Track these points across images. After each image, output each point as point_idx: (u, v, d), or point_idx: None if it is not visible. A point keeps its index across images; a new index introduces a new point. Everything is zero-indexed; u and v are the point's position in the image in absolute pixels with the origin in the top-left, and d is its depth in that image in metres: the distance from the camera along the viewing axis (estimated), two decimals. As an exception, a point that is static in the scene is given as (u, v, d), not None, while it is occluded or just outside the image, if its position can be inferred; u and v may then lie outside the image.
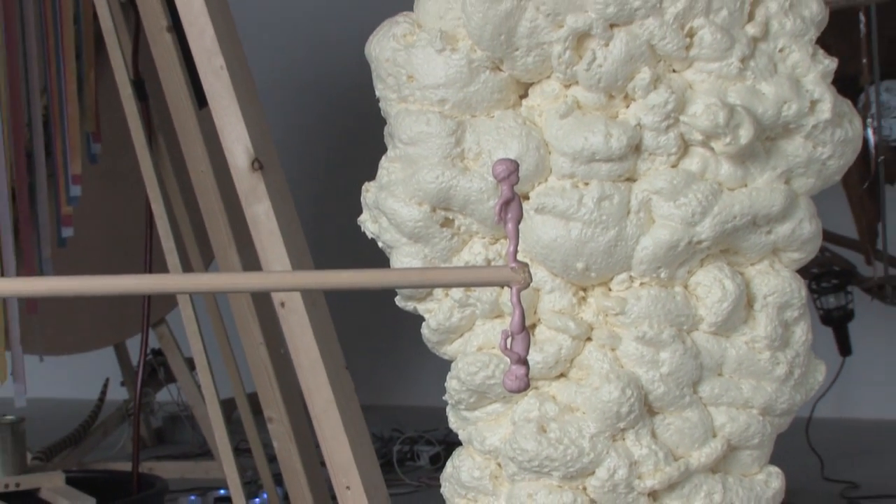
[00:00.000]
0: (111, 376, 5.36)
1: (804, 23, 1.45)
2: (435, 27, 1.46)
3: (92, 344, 5.09)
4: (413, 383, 5.98)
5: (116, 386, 5.37)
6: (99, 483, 3.60)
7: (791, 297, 1.48)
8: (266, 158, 2.26)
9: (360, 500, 2.22)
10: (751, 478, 1.49)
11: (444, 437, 5.11)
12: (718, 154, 1.41)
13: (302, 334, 2.24)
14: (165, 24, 2.89)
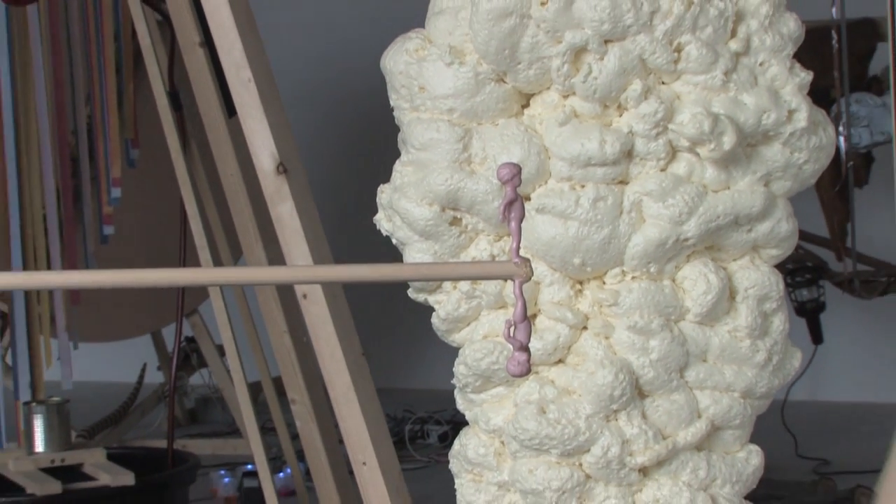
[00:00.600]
0: (148, 362, 5.36)
1: (782, 39, 1.44)
2: (444, 42, 1.45)
3: (131, 332, 5.10)
4: (423, 368, 5.98)
5: (153, 370, 5.38)
6: (137, 459, 3.60)
7: (770, 290, 1.47)
8: (290, 163, 2.26)
9: (376, 476, 2.22)
10: (733, 455, 1.49)
11: (452, 418, 5.11)
12: (704, 159, 1.41)
13: (322, 324, 2.24)
14: (198, 39, 2.89)
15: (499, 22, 1.41)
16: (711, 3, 1.42)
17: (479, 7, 1.42)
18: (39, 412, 3.49)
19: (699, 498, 1.45)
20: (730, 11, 1.43)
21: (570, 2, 1.40)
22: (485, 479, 1.49)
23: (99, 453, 3.49)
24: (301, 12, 6.30)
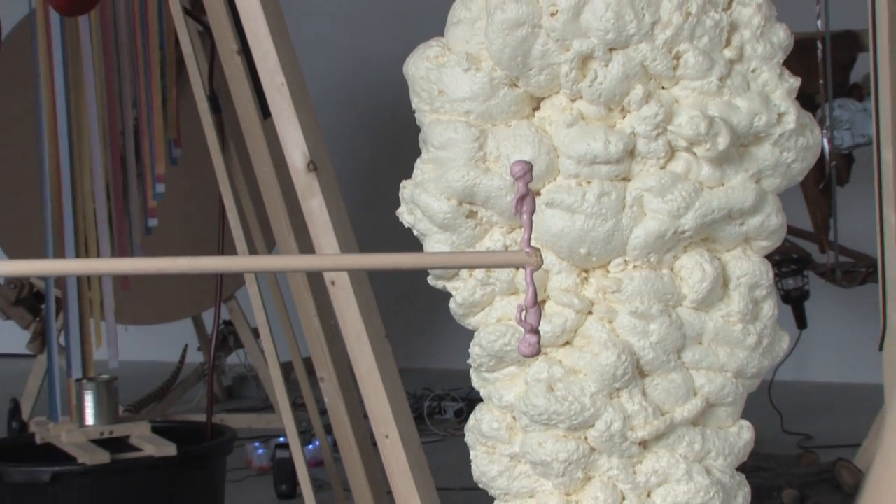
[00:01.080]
0: (189, 343, 5.37)
1: (773, 48, 1.44)
2: (462, 50, 1.45)
3: (173, 315, 5.11)
4: (441, 349, 5.98)
5: (193, 351, 5.39)
6: (178, 432, 3.60)
7: (760, 279, 1.47)
8: (319, 160, 2.26)
9: (397, 447, 2.21)
10: (725, 430, 1.48)
11: (467, 395, 5.12)
12: (700, 158, 1.40)
13: (349, 308, 2.24)
14: (235, 48, 2.89)
15: (512, 31, 1.41)
16: (708, 14, 1.41)
17: (494, 18, 1.41)
18: (90, 388, 3.49)
19: (694, 469, 1.45)
20: (724, 22, 1.42)
21: (578, 13, 1.39)
22: (497, 451, 1.49)
23: (144, 426, 3.49)
24: (331, 23, 6.30)
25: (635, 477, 1.44)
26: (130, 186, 3.75)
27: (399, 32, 4.14)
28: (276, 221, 2.98)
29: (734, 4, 1.43)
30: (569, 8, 1.39)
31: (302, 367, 3.39)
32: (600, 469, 1.44)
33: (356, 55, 6.26)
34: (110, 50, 3.69)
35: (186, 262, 1.10)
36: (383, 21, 6.31)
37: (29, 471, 3.41)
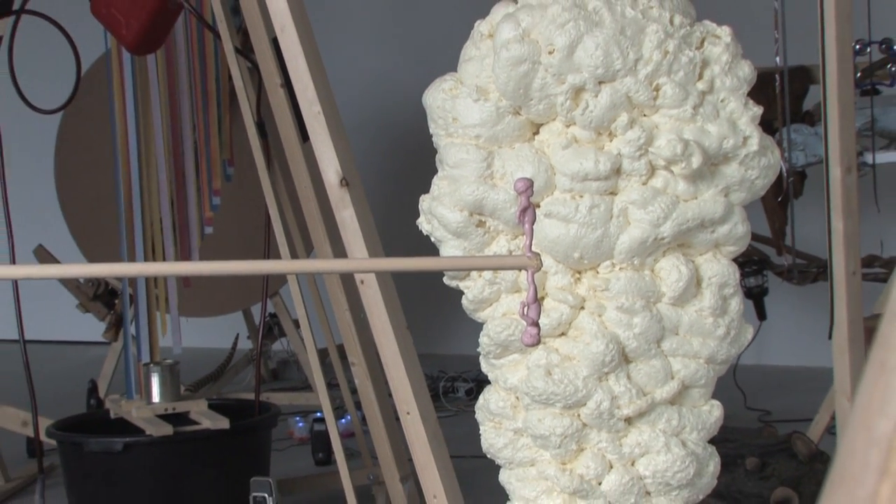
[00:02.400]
0: (240, 332, 5.38)
1: (739, 81, 1.43)
2: (472, 83, 1.44)
3: (226, 309, 5.12)
4: (454, 338, 5.98)
5: (244, 339, 5.39)
6: (231, 408, 3.60)
7: (728, 279, 1.46)
8: (350, 178, 2.25)
9: (417, 422, 2.21)
10: (699, 408, 1.47)
11: (477, 377, 5.11)
12: (676, 175, 1.39)
13: (376, 304, 2.23)
14: (279, 81, 2.89)
15: (515, 67, 1.40)
16: (683, 52, 1.40)
17: (499, 56, 1.41)
18: (156, 371, 3.50)
19: (672, 442, 1.44)
20: (697, 59, 1.41)
21: (572, 51, 1.38)
22: (503, 426, 1.48)
23: (202, 403, 3.49)
24: (360, 60, 6.30)
25: (621, 448, 1.44)
26: (190, 199, 3.75)
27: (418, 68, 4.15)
28: (313, 230, 2.97)
29: (706, 44, 1.42)
30: (564, 47, 1.38)
31: (335, 353, 3.38)
32: (591, 442, 1.44)
33: (382, 88, 6.27)
34: (174, 83, 3.70)
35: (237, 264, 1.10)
36: (405, 58, 6.32)
37: (104, 441, 3.42)
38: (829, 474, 0.39)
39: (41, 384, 3.67)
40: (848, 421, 0.40)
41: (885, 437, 0.37)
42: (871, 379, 0.38)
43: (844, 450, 0.39)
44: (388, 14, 6.53)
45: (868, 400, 0.38)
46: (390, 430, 2.84)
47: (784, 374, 5.32)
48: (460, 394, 5.20)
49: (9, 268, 1.55)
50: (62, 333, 6.73)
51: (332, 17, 6.14)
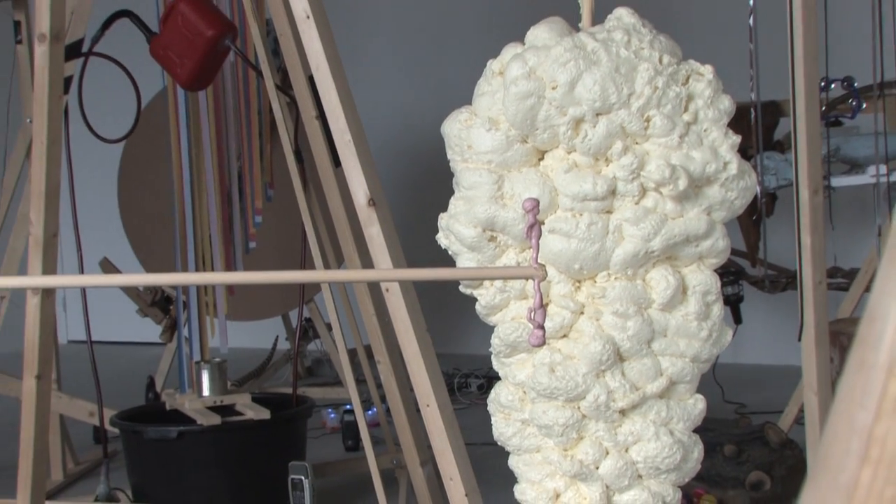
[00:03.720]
0: (279, 334, 5.38)
1: (720, 113, 1.42)
2: (485, 115, 1.44)
3: (267, 313, 5.12)
4: (468, 339, 5.97)
5: (282, 341, 5.39)
6: (271, 401, 3.60)
7: (710, 287, 1.45)
8: (377, 198, 2.24)
9: (435, 413, 2.20)
10: (684, 401, 1.46)
11: (487, 374, 5.11)
12: (665, 196, 1.39)
13: (399, 309, 2.22)
14: (314, 113, 2.89)
15: (523, 101, 1.39)
16: (670, 87, 1.39)
17: (509, 91, 1.40)
18: (206, 368, 3.50)
19: (661, 431, 1.43)
20: (683, 94, 1.40)
21: (572, 87, 1.38)
22: (512, 417, 1.47)
23: (246, 397, 3.49)
24: (387, 93, 6.32)
25: (616, 437, 1.42)
26: (235, 218, 3.75)
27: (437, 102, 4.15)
28: (344, 244, 2.97)
29: (690, 80, 1.42)
30: (566, 83, 1.37)
31: (363, 352, 3.38)
32: (590, 431, 1.43)
33: (405, 119, 6.28)
34: (221, 116, 3.70)
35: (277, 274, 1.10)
36: (425, 93, 6.33)
37: (161, 430, 3.41)
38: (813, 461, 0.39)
39: (106, 379, 3.67)
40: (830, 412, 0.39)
41: (865, 428, 0.36)
42: (852, 375, 0.37)
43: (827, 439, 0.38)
44: (411, 54, 6.54)
45: (849, 394, 0.37)
46: (412, 420, 2.83)
47: (758, 372, 5.31)
48: (473, 388, 5.20)
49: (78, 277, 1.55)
50: (124, 335, 6.74)
51: (361, 57, 6.15)
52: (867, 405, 0.36)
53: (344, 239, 2.95)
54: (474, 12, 6.33)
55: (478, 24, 6.29)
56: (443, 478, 2.23)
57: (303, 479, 2.76)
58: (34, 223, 2.42)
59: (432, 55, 6.45)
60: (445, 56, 6.40)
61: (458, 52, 6.30)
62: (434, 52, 6.44)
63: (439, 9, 6.45)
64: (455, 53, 6.34)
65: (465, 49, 6.21)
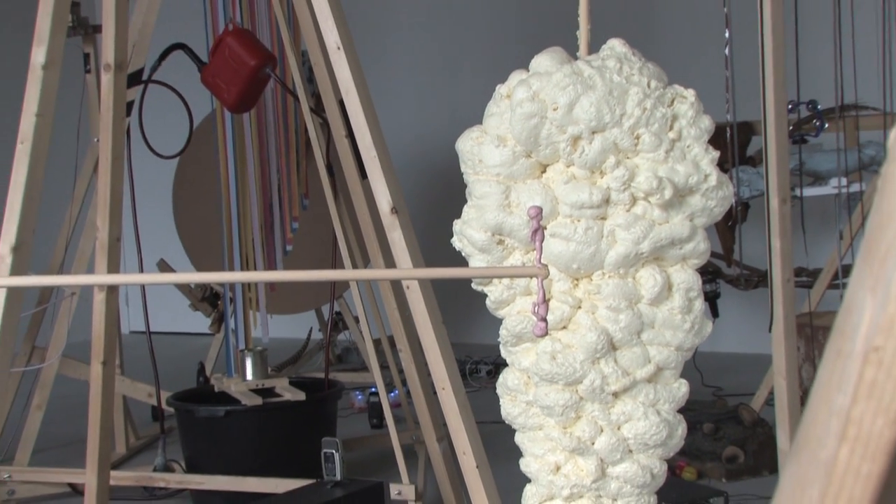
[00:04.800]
0: (313, 326, 5.38)
1: (701, 131, 1.40)
2: (494, 133, 1.43)
3: (302, 308, 5.11)
4: (478, 330, 5.96)
5: (316, 331, 5.39)
6: (306, 384, 3.59)
7: (693, 285, 1.43)
8: (399, 206, 2.24)
9: (450, 395, 2.19)
10: (670, 385, 1.45)
11: (495, 361, 5.10)
12: (653, 204, 1.37)
13: (418, 304, 2.22)
14: (344, 133, 2.88)
15: (527, 121, 1.38)
16: (657, 109, 1.38)
17: (515, 112, 1.39)
18: (249, 356, 3.49)
19: (650, 412, 1.41)
20: (669, 114, 1.39)
21: (571, 108, 1.37)
22: (518, 398, 1.46)
23: (284, 381, 3.49)
24: (408, 114, 6.32)
25: (610, 416, 1.41)
26: (275, 224, 3.75)
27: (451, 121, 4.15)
28: (370, 247, 2.97)
29: (675, 102, 1.40)
30: (565, 105, 1.36)
31: (387, 342, 3.37)
32: (586, 411, 1.41)
33: (424, 137, 6.28)
34: (263, 135, 3.70)
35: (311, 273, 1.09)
36: (441, 114, 6.33)
37: (210, 409, 3.41)
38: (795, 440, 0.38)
39: (162, 365, 3.67)
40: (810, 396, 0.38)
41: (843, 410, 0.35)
42: (830, 362, 0.36)
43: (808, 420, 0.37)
44: (428, 81, 6.54)
45: (828, 379, 0.36)
46: (429, 402, 2.82)
47: (733, 359, 5.28)
48: (483, 374, 5.18)
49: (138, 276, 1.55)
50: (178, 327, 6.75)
51: (385, 83, 6.15)
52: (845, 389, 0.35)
53: (370, 242, 2.95)
54: (484, 44, 6.33)
55: (487, 54, 6.29)
56: (457, 452, 2.22)
57: (334, 452, 2.76)
58: (100, 228, 2.42)
59: (447, 82, 6.45)
60: (458, 82, 6.40)
61: (469, 79, 6.29)
62: (449, 79, 6.44)
63: (453, 41, 6.45)
64: (467, 80, 6.34)
65: (476, 76, 6.20)
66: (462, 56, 6.42)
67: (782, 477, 0.39)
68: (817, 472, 0.35)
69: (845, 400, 0.35)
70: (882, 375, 0.34)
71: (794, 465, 0.36)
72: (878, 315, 0.34)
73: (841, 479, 0.34)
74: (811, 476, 0.35)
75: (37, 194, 2.29)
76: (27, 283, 1.73)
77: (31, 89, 2.26)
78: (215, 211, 3.73)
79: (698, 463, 3.55)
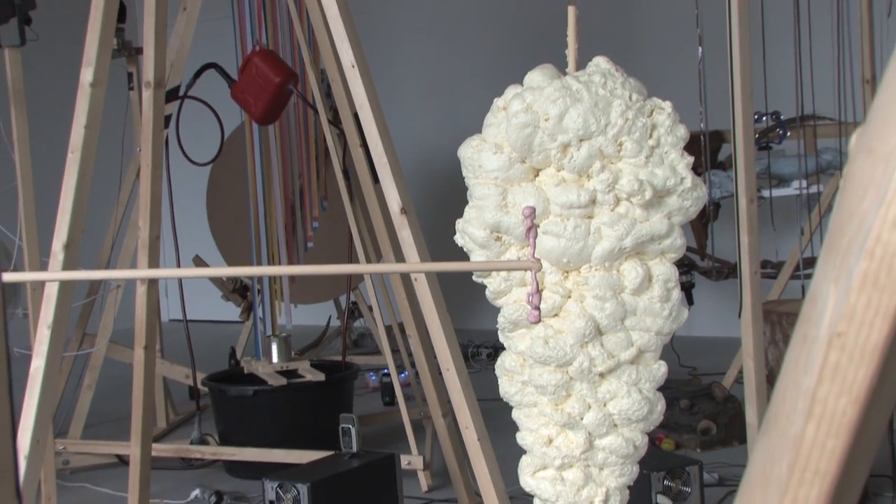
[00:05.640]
0: (331, 314, 5.37)
1: (677, 139, 1.39)
2: (492, 141, 1.42)
3: (322, 298, 5.11)
4: (479, 317, 5.95)
5: (334, 319, 5.38)
6: (325, 366, 3.59)
7: (670, 276, 1.42)
8: (408, 207, 2.23)
9: (454, 375, 2.18)
10: (650, 366, 1.44)
11: (494, 345, 5.09)
12: (634, 204, 1.36)
13: (425, 294, 2.21)
14: (359, 142, 2.87)
15: (522, 130, 1.37)
16: (638, 119, 1.37)
17: (511, 122, 1.38)
18: (275, 341, 3.49)
19: (632, 390, 1.41)
20: (648, 124, 1.38)
21: (561, 119, 1.36)
22: (514, 378, 1.45)
23: (305, 363, 3.48)
24: (416, 125, 6.30)
25: (597, 394, 1.40)
26: (297, 223, 3.74)
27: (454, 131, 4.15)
28: (381, 243, 2.96)
29: (654, 113, 1.39)
30: (555, 116, 1.35)
31: (397, 328, 3.37)
32: (576, 390, 1.40)
33: (429, 145, 6.26)
34: (286, 144, 3.69)
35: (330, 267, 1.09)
36: (444, 124, 6.32)
37: (240, 389, 3.41)
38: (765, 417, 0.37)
39: (197, 350, 3.67)
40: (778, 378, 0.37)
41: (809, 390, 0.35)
42: (797, 347, 0.36)
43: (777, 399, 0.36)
44: (433, 95, 6.53)
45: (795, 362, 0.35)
46: (435, 381, 2.81)
47: (706, 342, 5.27)
48: (483, 356, 5.18)
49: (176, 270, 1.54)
50: (211, 315, 6.75)
51: (395, 98, 6.14)
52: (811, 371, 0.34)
53: (382, 239, 2.94)
54: (482, 61, 6.32)
55: (485, 71, 6.28)
56: (460, 426, 2.21)
57: (350, 427, 2.75)
58: (142, 228, 2.41)
59: (450, 96, 6.44)
60: (460, 96, 6.39)
61: (469, 93, 6.28)
62: (451, 94, 6.43)
63: (455, 60, 6.44)
64: (467, 94, 6.33)
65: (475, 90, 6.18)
66: (462, 73, 6.41)
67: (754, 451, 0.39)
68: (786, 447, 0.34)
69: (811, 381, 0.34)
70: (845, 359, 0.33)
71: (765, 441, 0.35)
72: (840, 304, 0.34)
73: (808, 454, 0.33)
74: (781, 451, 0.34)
75: (85, 198, 2.28)
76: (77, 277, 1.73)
77: (80, 105, 2.26)
78: (244, 212, 3.73)
79: (676, 435, 3.54)
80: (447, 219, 2.33)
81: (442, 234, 3.58)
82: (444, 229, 3.01)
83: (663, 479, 2.46)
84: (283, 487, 2.54)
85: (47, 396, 2.22)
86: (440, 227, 4.42)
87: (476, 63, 6.36)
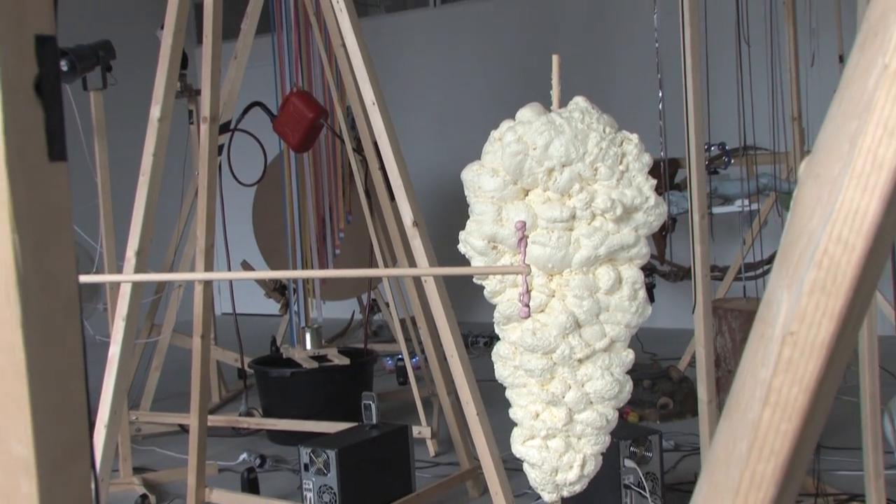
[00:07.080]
0: (355, 309, 5.35)
1: (643, 165, 1.38)
2: (490, 166, 1.41)
3: (347, 295, 5.09)
4: (478, 312, 5.93)
5: (357, 314, 5.36)
6: (350, 352, 3.57)
7: (637, 279, 1.41)
8: (419, 221, 2.21)
9: (457, 361, 2.17)
10: (620, 354, 1.43)
11: (490, 335, 5.06)
12: (608, 219, 1.35)
13: (433, 293, 2.19)
14: (378, 166, 2.86)
15: (514, 157, 1.36)
16: (611, 148, 1.36)
17: (505, 150, 1.37)
18: (308, 331, 3.47)
19: (605, 374, 1.39)
20: (619, 152, 1.37)
21: (547, 148, 1.35)
22: (508, 363, 1.44)
23: (334, 350, 3.47)
24: (425, 152, 6.29)
25: (576, 377, 1.39)
26: (327, 234, 3.73)
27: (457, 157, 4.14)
28: (397, 251, 2.95)
29: (624, 143, 1.38)
30: (542, 146, 1.34)
31: (410, 321, 3.36)
32: (558, 373, 1.39)
33: (437, 168, 6.25)
34: (318, 168, 3.68)
35: (354, 271, 1.07)
36: (450, 151, 6.31)
37: (280, 371, 3.40)
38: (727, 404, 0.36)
39: (244, 338, 3.66)
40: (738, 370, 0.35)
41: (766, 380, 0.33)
42: (754, 344, 0.34)
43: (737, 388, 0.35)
44: (441, 127, 6.52)
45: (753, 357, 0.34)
46: (442, 366, 2.80)
47: (665, 333, 5.24)
48: (481, 345, 5.15)
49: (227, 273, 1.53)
50: (256, 309, 6.74)
51: (409, 129, 6.13)
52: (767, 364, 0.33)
53: (397, 248, 2.93)
54: (481, 100, 6.32)
55: (483, 108, 6.28)
56: (462, 403, 2.20)
57: (371, 403, 2.74)
58: (199, 238, 2.41)
59: (454, 128, 6.43)
60: (462, 129, 6.39)
61: (471, 126, 6.28)
62: (455, 127, 6.42)
63: (459, 99, 6.44)
64: (469, 127, 6.33)
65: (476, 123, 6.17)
66: (465, 110, 6.41)
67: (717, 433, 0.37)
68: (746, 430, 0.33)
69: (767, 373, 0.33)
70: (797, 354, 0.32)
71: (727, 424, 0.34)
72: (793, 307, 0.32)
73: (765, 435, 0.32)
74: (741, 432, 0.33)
75: (153, 213, 2.28)
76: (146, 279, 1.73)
77: (149, 137, 2.26)
78: (283, 224, 3.71)
79: (639, 409, 3.52)
80: (452, 231, 2.32)
81: (448, 243, 3.56)
82: (449, 239, 3.00)
83: (630, 446, 2.44)
84: (315, 452, 2.53)
85: (122, 376, 2.21)
86: (446, 238, 4.41)
87: (476, 101, 6.37)
